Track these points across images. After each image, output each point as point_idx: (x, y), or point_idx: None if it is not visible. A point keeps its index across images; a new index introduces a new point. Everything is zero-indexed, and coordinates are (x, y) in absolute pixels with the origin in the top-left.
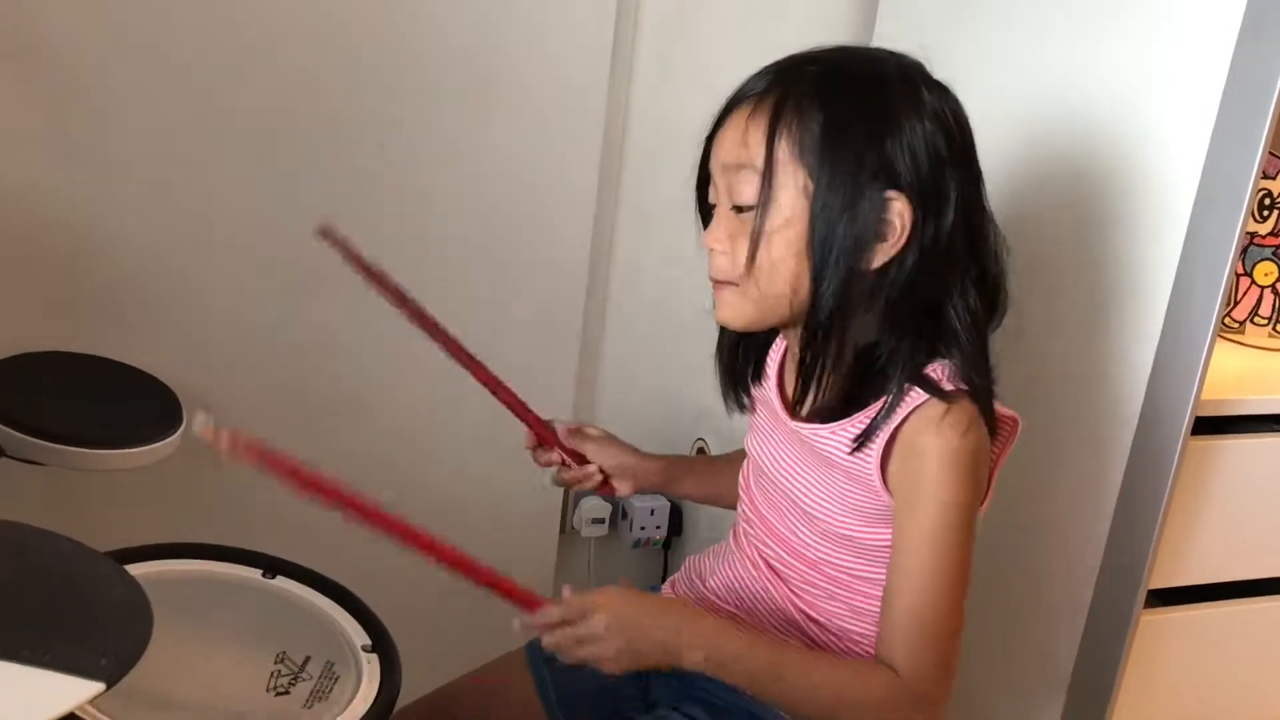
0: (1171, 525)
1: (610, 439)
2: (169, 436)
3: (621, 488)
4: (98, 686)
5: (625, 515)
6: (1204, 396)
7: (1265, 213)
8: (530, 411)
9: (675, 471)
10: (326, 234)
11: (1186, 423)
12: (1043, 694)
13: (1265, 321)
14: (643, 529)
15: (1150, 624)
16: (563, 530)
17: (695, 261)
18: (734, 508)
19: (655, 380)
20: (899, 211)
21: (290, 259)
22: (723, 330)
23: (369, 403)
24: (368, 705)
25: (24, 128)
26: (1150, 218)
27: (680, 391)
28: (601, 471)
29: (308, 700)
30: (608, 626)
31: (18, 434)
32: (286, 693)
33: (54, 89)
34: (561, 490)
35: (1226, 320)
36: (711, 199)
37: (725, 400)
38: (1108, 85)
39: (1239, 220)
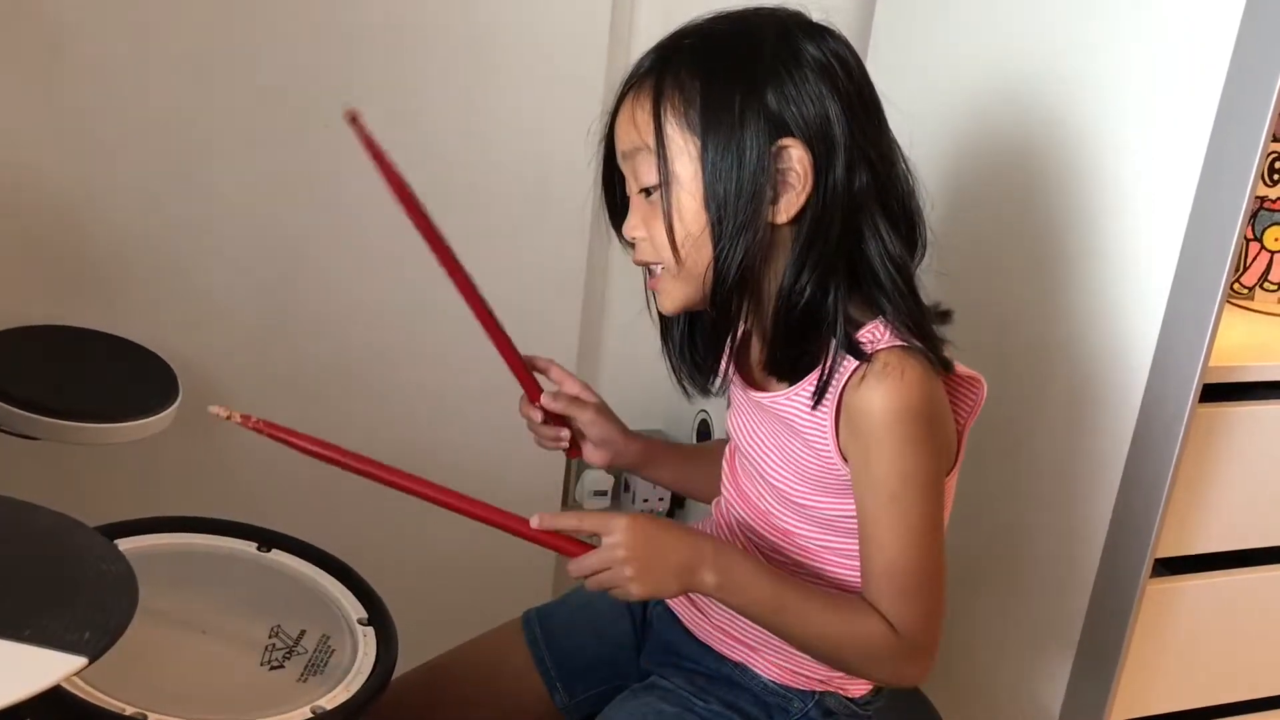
0: (1179, 493)
1: (602, 410)
2: (164, 410)
3: (596, 457)
4: (80, 661)
5: (628, 487)
6: (1212, 363)
7: (1275, 176)
8: (526, 370)
9: (654, 453)
10: (354, 119)
11: (1194, 389)
12: (1050, 663)
13: (1275, 287)
14: (645, 500)
15: (1157, 593)
16: (565, 503)
17: None
18: (705, 499)
19: (659, 354)
20: (797, 159)
21: (288, 233)
22: (667, 324)
23: (366, 377)
24: (364, 679)
25: (22, 105)
26: (1158, 182)
27: None
28: (574, 439)
29: (302, 674)
30: (628, 546)
31: (11, 408)
32: (281, 666)
33: (53, 67)
34: (564, 462)
35: (1235, 286)
36: (628, 192)
37: (686, 389)
38: (1114, 46)
39: (1248, 184)
